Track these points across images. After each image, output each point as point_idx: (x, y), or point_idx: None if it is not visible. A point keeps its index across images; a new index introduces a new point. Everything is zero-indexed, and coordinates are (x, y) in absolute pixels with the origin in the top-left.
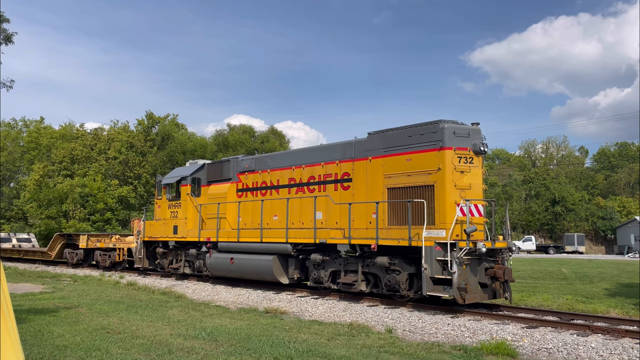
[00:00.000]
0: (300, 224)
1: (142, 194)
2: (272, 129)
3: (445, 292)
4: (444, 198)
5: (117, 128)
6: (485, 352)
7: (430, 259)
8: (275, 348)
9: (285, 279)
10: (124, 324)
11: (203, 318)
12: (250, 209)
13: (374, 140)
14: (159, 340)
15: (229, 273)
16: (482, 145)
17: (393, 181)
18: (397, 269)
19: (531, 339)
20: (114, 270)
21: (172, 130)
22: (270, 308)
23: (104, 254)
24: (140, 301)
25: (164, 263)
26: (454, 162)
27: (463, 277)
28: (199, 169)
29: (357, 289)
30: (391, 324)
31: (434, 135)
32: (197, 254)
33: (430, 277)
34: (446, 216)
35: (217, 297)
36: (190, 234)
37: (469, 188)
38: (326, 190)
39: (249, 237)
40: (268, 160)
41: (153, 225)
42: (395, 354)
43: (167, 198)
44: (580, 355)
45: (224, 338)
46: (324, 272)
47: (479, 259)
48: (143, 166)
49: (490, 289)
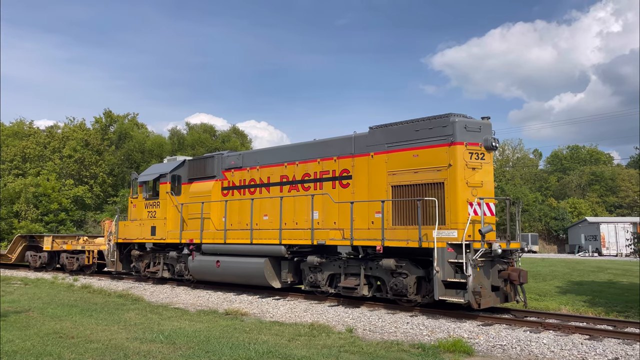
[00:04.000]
0: (293, 224)
1: (99, 194)
2: (234, 129)
3: (458, 296)
4: (455, 196)
5: (72, 126)
6: (443, 349)
7: (442, 261)
8: (235, 350)
9: (277, 282)
10: (77, 328)
11: (161, 321)
12: (237, 208)
13: (376, 134)
14: (115, 345)
15: (214, 277)
16: (493, 140)
17: (398, 178)
18: (404, 272)
19: (487, 336)
20: (83, 275)
21: (130, 129)
22: (231, 309)
23: (71, 257)
24: (95, 304)
25: (140, 266)
26: (465, 158)
27: (477, 280)
28: (179, 165)
29: (360, 294)
30: (352, 324)
31: (444, 130)
32: (178, 257)
33: (442, 281)
34: (458, 216)
35: (176, 300)
36: (171, 235)
37: (480, 186)
38: (323, 188)
39: (237, 239)
40: (257, 156)
41: (128, 226)
42: (355, 354)
43: (144, 197)
44: (532, 351)
45: (182, 341)
46: (321, 275)
47: (491, 261)
48: (99, 165)
49: (502, 292)
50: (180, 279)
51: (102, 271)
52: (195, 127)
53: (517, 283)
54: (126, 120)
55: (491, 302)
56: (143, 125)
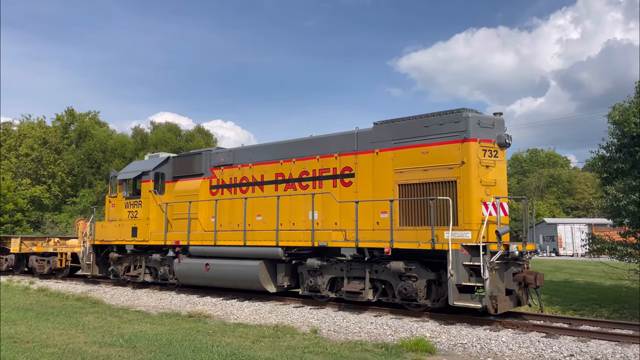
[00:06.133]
0: (290, 225)
1: (57, 194)
2: (199, 128)
3: (474, 301)
4: (469, 195)
5: (28, 123)
6: (406, 349)
7: (457, 264)
8: (198, 353)
9: (272, 287)
10: (33, 332)
11: (121, 324)
12: (228, 208)
13: (381, 130)
14: (72, 349)
15: (202, 281)
16: (507, 137)
17: (405, 177)
18: (413, 275)
19: (448, 335)
20: (54, 278)
21: (91, 127)
22: (194, 312)
23: (41, 260)
24: (52, 308)
25: (119, 270)
26: (479, 156)
27: (494, 284)
28: (163, 162)
29: (365, 298)
30: (316, 325)
31: (456, 126)
32: (162, 260)
33: (456, 285)
34: (472, 216)
35: (137, 302)
36: (154, 237)
37: (494, 184)
38: (323, 187)
39: (229, 240)
40: (249, 153)
41: (106, 226)
42: (320, 354)
43: (124, 196)
44: (492, 349)
45: (143, 344)
46: (321, 279)
47: (505, 263)
48: (58, 164)
49: (514, 296)
50: (164, 283)
51: (76, 275)
52: (160, 126)
53: (533, 286)
54: (87, 119)
55: (507, 306)
56: (105, 124)
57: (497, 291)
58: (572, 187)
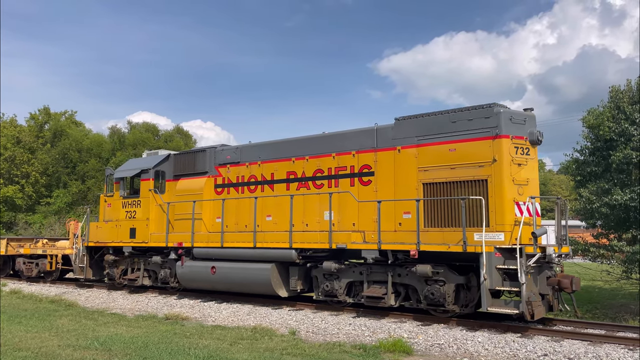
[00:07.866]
0: (303, 226)
1: (31, 195)
2: (178, 128)
3: (509, 307)
4: (501, 195)
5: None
6: (383, 349)
7: (490, 267)
8: (175, 356)
9: (284, 291)
10: (5, 335)
11: (96, 327)
12: (234, 208)
13: (403, 127)
14: (45, 352)
15: (208, 285)
16: (539, 134)
17: (431, 175)
18: (440, 280)
19: (425, 336)
20: (43, 282)
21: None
22: (171, 314)
23: (29, 262)
24: (25, 310)
25: (115, 273)
26: (511, 153)
27: (529, 289)
28: (164, 160)
29: (388, 304)
30: (295, 326)
31: (487, 121)
32: (163, 262)
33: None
34: (505, 217)
35: (113, 305)
36: (154, 238)
37: (526, 184)
38: (339, 186)
39: (237, 242)
40: (258, 150)
41: (101, 227)
42: (297, 356)
43: (121, 195)
44: (468, 349)
45: (119, 347)
46: (338, 283)
47: (539, 267)
48: (32, 164)
49: (546, 301)
50: (164, 287)
51: (66, 278)
52: (138, 125)
53: (569, 290)
54: (63, 118)
55: (542, 312)
56: (81, 123)
57: (533, 296)
58: (547, 190)
